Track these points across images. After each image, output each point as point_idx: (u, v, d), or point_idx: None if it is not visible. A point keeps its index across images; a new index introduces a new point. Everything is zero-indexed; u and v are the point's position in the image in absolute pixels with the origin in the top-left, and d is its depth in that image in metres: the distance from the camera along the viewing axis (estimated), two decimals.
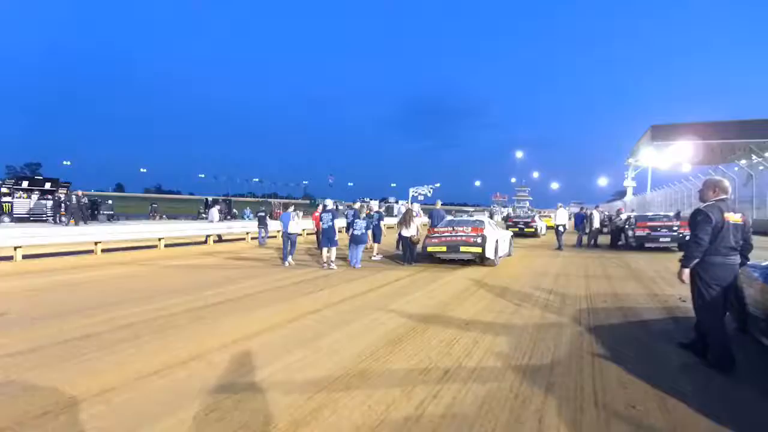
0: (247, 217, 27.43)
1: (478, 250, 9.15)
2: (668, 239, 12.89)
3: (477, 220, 10.72)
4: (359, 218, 10.03)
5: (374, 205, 17.02)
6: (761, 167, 34.91)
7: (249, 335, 4.37)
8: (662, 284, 7.52)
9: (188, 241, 14.67)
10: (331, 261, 9.83)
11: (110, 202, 25.55)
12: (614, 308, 5.68)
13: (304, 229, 18.42)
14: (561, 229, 14.58)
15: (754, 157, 43.44)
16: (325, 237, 10.10)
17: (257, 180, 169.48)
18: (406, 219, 10.54)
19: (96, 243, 11.34)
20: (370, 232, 11.40)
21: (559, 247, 14.02)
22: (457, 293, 6.72)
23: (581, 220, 15.83)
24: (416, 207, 11.58)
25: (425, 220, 15.70)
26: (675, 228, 12.92)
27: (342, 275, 8.52)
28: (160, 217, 27.43)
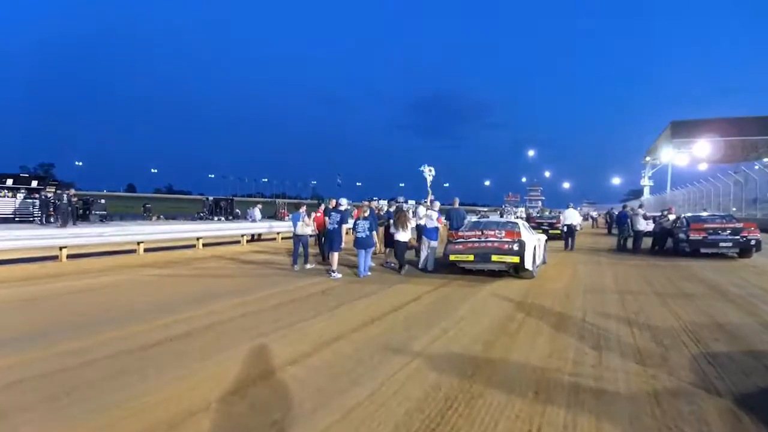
0: (250, 217, 25.92)
1: (515, 259, 7.31)
2: (729, 244, 10.88)
3: (509, 221, 8.90)
4: (362, 218, 8.36)
5: (383, 204, 15.27)
6: None
7: (168, 422, 2.61)
8: (765, 307, 5.65)
9: (179, 244, 13.06)
10: (333, 270, 8.18)
11: (103, 201, 24.13)
12: (740, 354, 3.85)
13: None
14: (565, 228, 14.43)
15: None
16: (328, 240, 8.54)
17: (265, 180, 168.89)
18: (399, 220, 8.81)
19: (61, 248, 9.74)
20: (376, 233, 9.70)
21: (570, 248, 13.83)
22: (500, 324, 4.91)
23: (624, 221, 13.86)
24: (436, 205, 9.69)
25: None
26: (736, 231, 10.93)
27: (345, 291, 6.77)
28: (157, 218, 25.97)
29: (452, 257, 7.76)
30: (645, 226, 13.12)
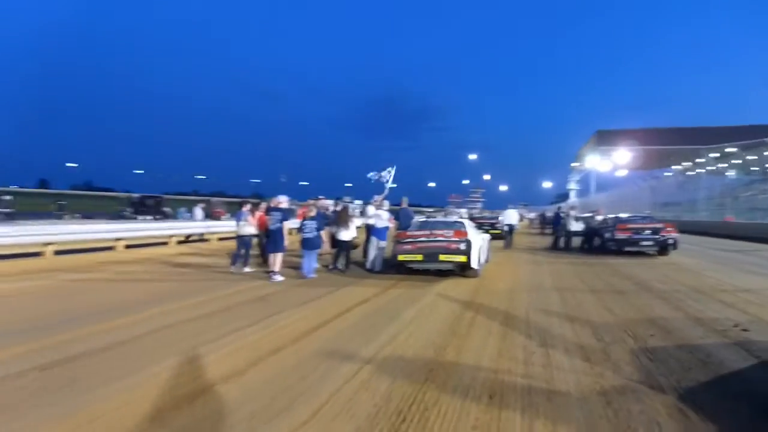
0: (182, 217, 24.13)
1: (462, 258, 7.32)
2: (650, 243, 11.88)
3: (456, 221, 8.93)
4: (308, 218, 7.99)
5: (329, 203, 14.91)
6: (694, 171, 36.99)
7: None
8: (689, 302, 6.06)
9: (96, 246, 11.67)
10: (275, 273, 7.71)
11: (8, 197, 21.27)
12: (675, 348, 4.02)
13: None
14: (506, 228, 15.36)
15: (687, 163, 46.37)
16: (270, 240, 8.03)
17: (202, 177, 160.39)
18: (341, 219, 8.61)
19: None
20: (324, 233, 9.36)
21: (510, 246, 14.67)
22: (449, 325, 4.79)
23: (559, 222, 14.68)
24: (385, 205, 9.44)
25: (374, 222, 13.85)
26: (657, 231, 11.94)
27: (288, 295, 6.34)
28: (72, 217, 23.34)
29: (401, 257, 7.61)
30: (577, 226, 13.94)
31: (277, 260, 7.87)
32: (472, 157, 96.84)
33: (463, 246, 7.36)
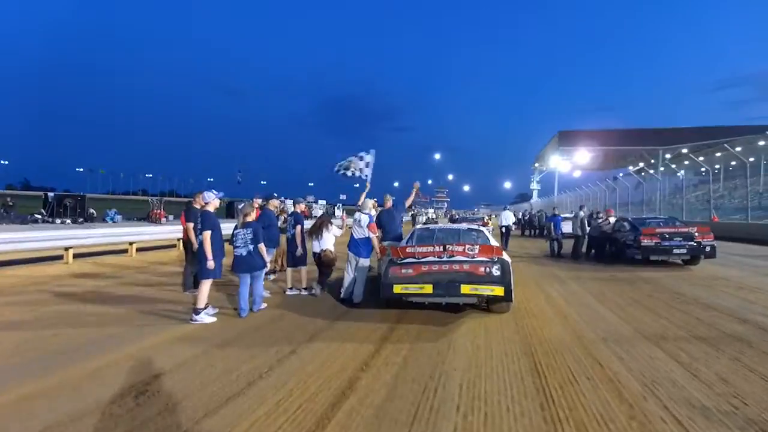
0: (111, 219, 20.13)
1: (498, 291, 4.58)
2: (683, 251, 9.76)
3: (474, 229, 6.28)
4: (241, 225, 5.21)
5: (289, 204, 11.96)
6: (648, 172, 36.82)
7: None
8: None
9: None
10: (199, 310, 4.94)
11: None
12: None
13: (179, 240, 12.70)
14: (503, 230, 14.45)
15: (641, 163, 46.72)
16: (196, 259, 5.36)
17: (149, 175, 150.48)
18: (317, 226, 6.16)
19: None
20: (269, 250, 6.53)
21: (506, 249, 12.91)
22: None
23: (559, 225, 12.46)
24: (369, 203, 6.46)
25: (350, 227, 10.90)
26: (689, 236, 9.86)
27: (201, 370, 3.41)
28: None
29: (398, 288, 4.74)
30: (586, 230, 11.76)
31: (201, 290, 4.94)
32: (437, 156, 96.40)
33: (497, 270, 4.65)
